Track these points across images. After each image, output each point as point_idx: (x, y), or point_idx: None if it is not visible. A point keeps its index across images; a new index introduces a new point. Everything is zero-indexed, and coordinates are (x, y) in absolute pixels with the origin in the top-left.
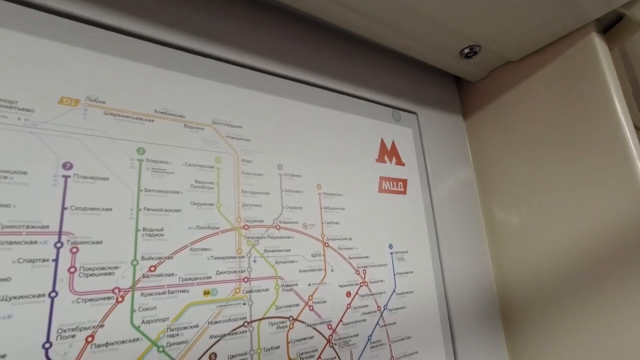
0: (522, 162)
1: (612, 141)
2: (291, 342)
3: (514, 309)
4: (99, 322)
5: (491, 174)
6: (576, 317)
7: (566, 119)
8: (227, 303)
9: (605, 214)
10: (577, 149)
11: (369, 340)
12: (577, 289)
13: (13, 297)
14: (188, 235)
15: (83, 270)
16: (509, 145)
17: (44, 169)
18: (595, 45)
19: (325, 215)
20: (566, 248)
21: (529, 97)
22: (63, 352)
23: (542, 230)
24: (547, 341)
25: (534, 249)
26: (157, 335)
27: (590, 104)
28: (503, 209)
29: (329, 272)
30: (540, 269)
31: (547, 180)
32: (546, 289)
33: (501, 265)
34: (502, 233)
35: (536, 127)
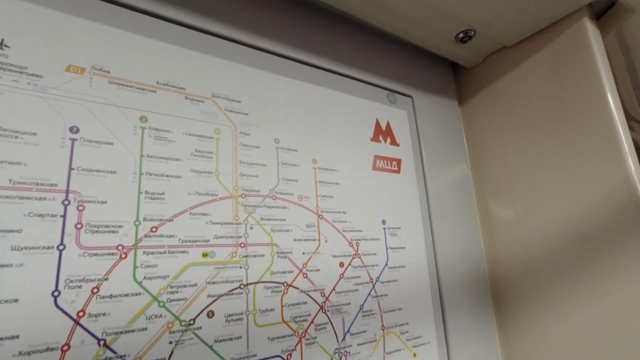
0: (515, 147)
1: (602, 125)
2: (285, 306)
3: (504, 287)
4: (103, 275)
5: (485, 158)
6: (565, 297)
7: (558, 104)
8: (225, 266)
9: (595, 196)
10: (568, 133)
11: (361, 309)
12: (566, 269)
13: (24, 247)
14: (188, 200)
15: (89, 227)
16: (503, 130)
17: (52, 131)
18: (587, 31)
19: (320, 188)
20: (556, 229)
21: (522, 83)
22: (70, 301)
23: (533, 212)
24: (535, 319)
25: (525, 229)
26: (157, 291)
27: (581, 89)
28: (495, 191)
29: (323, 243)
30: (530, 249)
31: (538, 163)
32: (536, 268)
33: (492, 245)
34: (494, 214)
35: (529, 112)
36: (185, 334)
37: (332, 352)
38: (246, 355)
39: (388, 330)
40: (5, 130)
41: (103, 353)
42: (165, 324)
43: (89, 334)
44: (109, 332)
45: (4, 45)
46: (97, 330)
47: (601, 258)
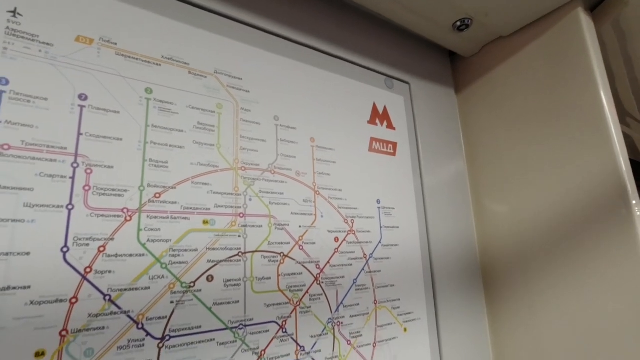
0: (508, 136)
1: (592, 116)
2: (281, 275)
3: (494, 270)
4: (109, 236)
5: (479, 147)
6: (553, 282)
7: (551, 94)
8: (224, 234)
9: (583, 174)
10: (559, 123)
11: (354, 283)
12: (555, 256)
13: (35, 205)
14: (190, 169)
15: (96, 190)
16: (498, 119)
17: (62, 97)
18: (580, 21)
19: (317, 166)
20: (547, 217)
21: (517, 73)
22: (78, 257)
23: (524, 199)
24: (524, 302)
25: (516, 215)
26: (160, 253)
27: (573, 80)
28: (488, 179)
29: (319, 218)
30: (521, 235)
31: (531, 152)
32: (526, 254)
33: (484, 229)
34: (486, 201)
35: (523, 102)
36: (186, 295)
37: (325, 322)
38: (243, 319)
39: (380, 304)
40: (18, 94)
41: (108, 308)
42: (167, 284)
43: (96, 289)
44: (114, 288)
45: (17, 14)
46: (103, 286)
47: (589, 246)
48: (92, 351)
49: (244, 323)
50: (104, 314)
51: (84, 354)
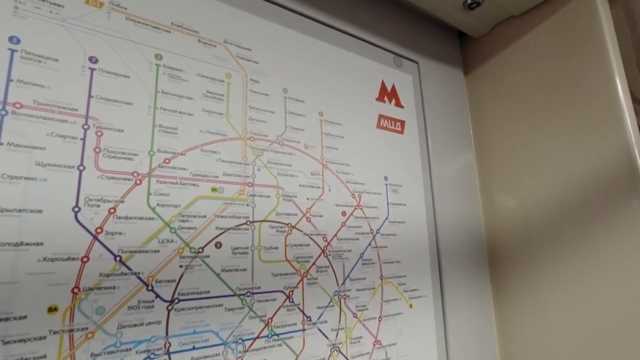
0: (517, 116)
1: (604, 93)
2: (289, 245)
3: (500, 250)
4: (120, 198)
5: (487, 127)
6: (559, 261)
7: (562, 72)
8: (232, 202)
9: (593, 161)
10: (569, 102)
11: (361, 257)
12: (562, 235)
13: (47, 164)
14: (199, 137)
15: (107, 152)
16: (507, 100)
17: (72, 59)
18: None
19: (326, 140)
20: (554, 195)
21: (528, 52)
22: (89, 217)
23: (532, 176)
24: (530, 282)
25: (524, 193)
26: (169, 218)
27: (586, 58)
28: (496, 161)
29: (327, 191)
30: (528, 214)
31: (539, 131)
32: (533, 233)
33: (491, 208)
34: (493, 180)
35: (533, 81)
36: (195, 260)
37: (332, 294)
38: (251, 287)
39: (386, 280)
40: (29, 54)
41: (119, 268)
42: (176, 249)
43: (106, 249)
44: (125, 250)
45: None
46: (114, 247)
47: (597, 225)
48: (103, 309)
49: (252, 291)
50: (115, 274)
51: (95, 312)
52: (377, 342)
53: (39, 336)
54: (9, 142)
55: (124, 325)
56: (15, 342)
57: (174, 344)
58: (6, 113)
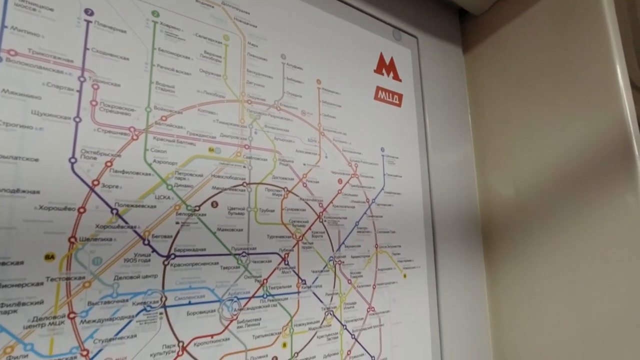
0: (515, 94)
1: (602, 70)
2: (285, 209)
3: (494, 224)
4: (116, 152)
5: (484, 104)
6: (552, 237)
7: (561, 52)
8: (229, 163)
9: (589, 140)
10: (568, 79)
11: (357, 225)
12: (556, 211)
13: (43, 113)
14: (196, 97)
15: (103, 106)
16: (505, 78)
17: (68, 9)
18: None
19: (323, 108)
20: (549, 171)
21: (528, 30)
22: (86, 169)
23: (528, 154)
24: (523, 256)
25: (519, 170)
26: (166, 174)
27: (585, 36)
28: (493, 132)
29: (323, 158)
30: (523, 189)
31: (537, 108)
32: (527, 207)
33: (486, 184)
34: (489, 157)
35: (532, 60)
36: (191, 217)
37: (327, 259)
38: (246, 247)
39: (381, 249)
40: (23, 1)
41: (116, 221)
42: (173, 205)
43: (103, 201)
44: (121, 203)
45: None
46: (110, 199)
47: (590, 203)
48: (100, 260)
49: (247, 251)
50: (111, 227)
51: (92, 262)
52: (370, 308)
53: (36, 282)
54: (4, 89)
55: (121, 277)
56: (12, 286)
57: (170, 298)
58: (0, 60)
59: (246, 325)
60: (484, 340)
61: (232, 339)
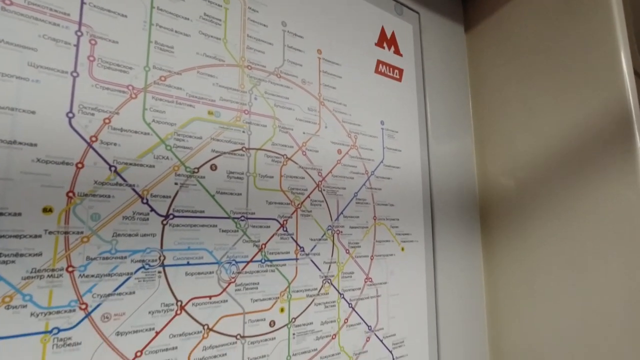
0: (515, 71)
1: (605, 47)
2: (284, 176)
3: (492, 200)
4: (114, 109)
5: (485, 81)
6: (550, 213)
7: (563, 29)
8: (228, 127)
9: (590, 119)
10: (570, 56)
11: (355, 196)
12: (554, 187)
13: (40, 65)
14: (196, 59)
15: (101, 62)
16: (506, 56)
17: None
18: None
19: (324, 78)
20: (547, 149)
21: (530, 9)
22: (84, 125)
23: (527, 132)
24: (519, 233)
25: (518, 148)
26: (165, 135)
27: (588, 12)
28: (493, 112)
29: (323, 128)
30: (521, 166)
31: (536, 85)
32: (524, 184)
33: (484, 160)
34: (488, 133)
35: (533, 37)
36: (190, 179)
37: (325, 228)
38: (245, 212)
39: (379, 221)
40: None
41: (114, 178)
42: (172, 166)
43: (101, 158)
44: (120, 161)
45: None
46: (109, 157)
47: (588, 180)
48: (98, 216)
49: (246, 215)
50: (110, 184)
51: (90, 218)
52: (368, 279)
53: (34, 234)
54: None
55: (119, 234)
56: (10, 237)
57: (169, 258)
58: None
59: (244, 288)
60: (479, 317)
61: (230, 301)
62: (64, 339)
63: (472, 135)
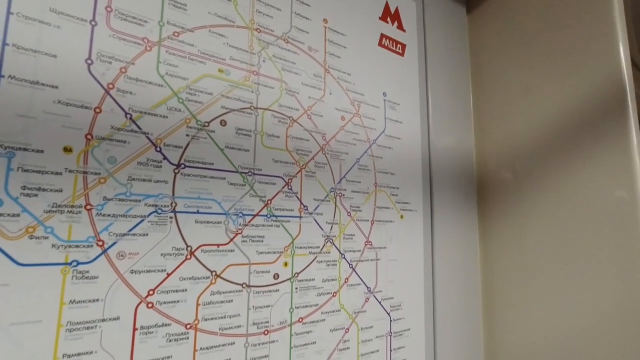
0: (515, 51)
1: (603, 30)
2: (290, 137)
3: (489, 176)
4: (130, 60)
5: (485, 61)
6: (546, 189)
7: (563, 9)
8: (238, 86)
9: (586, 96)
10: (568, 36)
11: (358, 162)
12: (550, 164)
13: (61, 12)
14: (207, 18)
15: (118, 14)
16: (506, 37)
17: None
18: None
19: (329, 47)
20: (547, 128)
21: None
22: (102, 72)
23: (525, 110)
24: (515, 207)
25: (515, 124)
26: (178, 88)
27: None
28: (492, 91)
29: (328, 94)
30: (518, 142)
31: (536, 66)
32: (521, 160)
33: (483, 136)
34: (487, 109)
35: (534, 19)
36: (201, 132)
37: (328, 190)
38: (252, 167)
39: (380, 188)
40: None
41: (130, 125)
42: (184, 118)
43: (118, 105)
44: (135, 109)
45: None
46: (125, 104)
47: (584, 156)
48: (114, 159)
49: (253, 171)
50: (126, 130)
51: (107, 161)
52: (368, 242)
53: (56, 171)
54: None
55: (134, 178)
56: (33, 172)
57: (180, 205)
58: None
59: (250, 240)
60: (474, 288)
61: (236, 252)
62: (83, 272)
63: (471, 113)
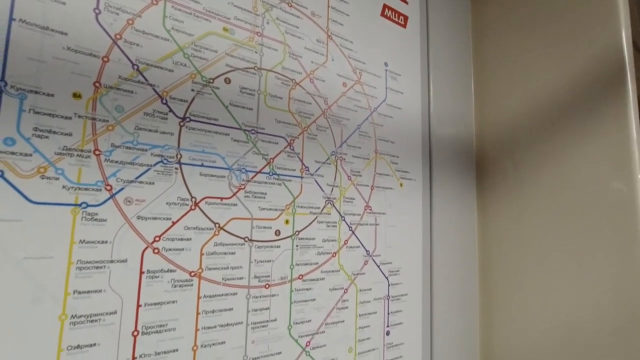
0: (517, 27)
1: (604, 4)
2: (292, 99)
3: (488, 149)
4: (137, 12)
5: (487, 34)
6: (544, 162)
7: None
8: (242, 45)
9: (586, 72)
10: (569, 12)
11: (358, 128)
12: (548, 138)
13: None
14: None
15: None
16: (509, 15)
17: None
18: None
19: (332, 13)
20: (546, 102)
21: None
22: (109, 22)
23: (525, 88)
24: (513, 181)
25: (515, 98)
26: (183, 43)
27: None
28: (492, 65)
29: (330, 60)
30: (517, 117)
31: (536, 37)
32: (520, 135)
33: (482, 110)
34: (488, 84)
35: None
36: (205, 88)
37: (329, 153)
38: (255, 126)
39: (380, 155)
40: None
41: (136, 76)
42: (189, 73)
43: (125, 55)
44: (142, 61)
45: None
46: (132, 55)
47: (581, 132)
48: (122, 108)
49: (256, 129)
50: (132, 80)
51: (115, 109)
52: (368, 207)
53: (65, 115)
54: None
55: (141, 127)
56: (44, 114)
57: (185, 157)
58: None
59: (253, 196)
60: (471, 257)
61: (239, 206)
62: (92, 213)
63: (472, 89)
